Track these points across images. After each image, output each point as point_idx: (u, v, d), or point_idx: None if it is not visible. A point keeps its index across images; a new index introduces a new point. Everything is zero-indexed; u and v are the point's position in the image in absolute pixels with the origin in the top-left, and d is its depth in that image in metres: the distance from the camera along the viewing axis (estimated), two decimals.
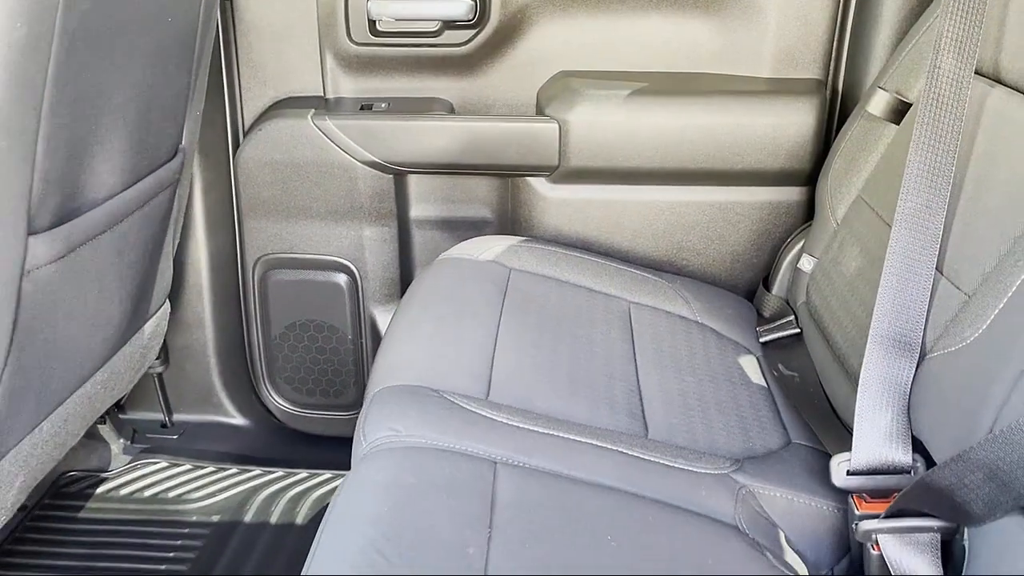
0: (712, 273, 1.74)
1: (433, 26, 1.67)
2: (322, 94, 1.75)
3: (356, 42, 1.69)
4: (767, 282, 1.66)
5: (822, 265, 1.45)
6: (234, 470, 1.81)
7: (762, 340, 1.50)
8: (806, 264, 1.51)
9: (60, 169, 1.09)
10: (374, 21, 1.67)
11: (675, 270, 1.72)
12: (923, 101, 1.16)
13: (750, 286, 1.73)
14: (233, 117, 1.75)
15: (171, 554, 1.59)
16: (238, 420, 1.94)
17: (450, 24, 1.67)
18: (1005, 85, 1.18)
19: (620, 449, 1.09)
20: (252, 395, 1.95)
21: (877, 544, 0.96)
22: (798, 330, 1.48)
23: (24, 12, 0.92)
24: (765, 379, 1.39)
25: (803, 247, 1.55)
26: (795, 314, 1.52)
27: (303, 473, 1.80)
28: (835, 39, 1.66)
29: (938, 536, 0.95)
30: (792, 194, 1.68)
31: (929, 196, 1.13)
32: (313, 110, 1.70)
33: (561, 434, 1.08)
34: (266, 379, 1.92)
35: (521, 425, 1.08)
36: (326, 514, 0.90)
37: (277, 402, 1.93)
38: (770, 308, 1.61)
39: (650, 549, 0.92)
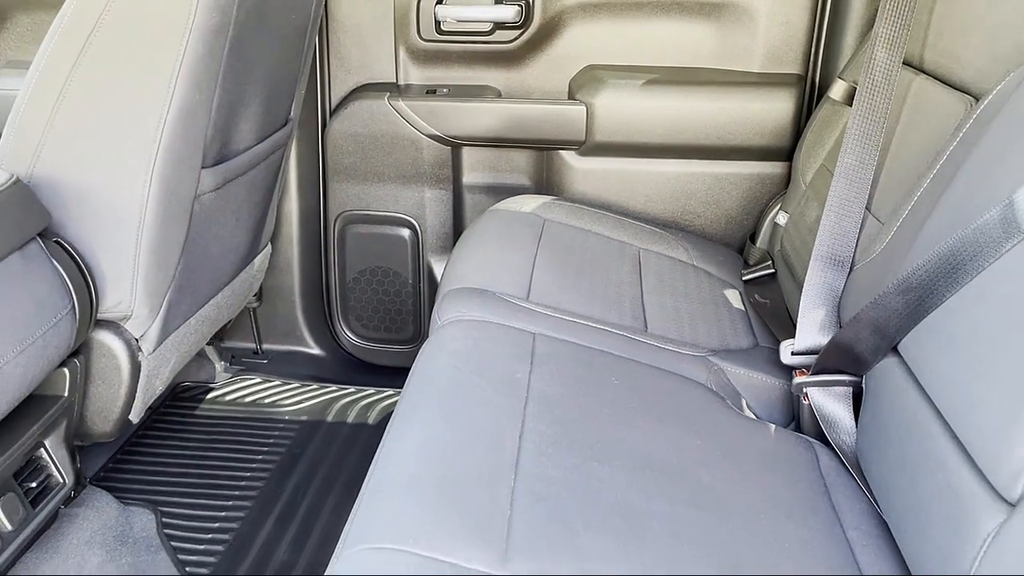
0: (709, 232, 2.12)
1: (487, 27, 2.08)
2: (395, 80, 2.16)
3: (424, 39, 2.10)
4: (753, 237, 2.03)
5: (792, 218, 1.82)
6: (315, 386, 2.21)
7: (744, 279, 1.88)
8: (781, 219, 1.88)
9: (222, 122, 1.51)
10: (439, 22, 2.08)
11: (679, 228, 2.10)
12: (861, 84, 1.54)
13: (740, 243, 2.11)
14: (323, 98, 2.16)
15: (268, 444, 1.99)
16: (315, 350, 2.34)
17: (500, 25, 2.07)
18: (926, 73, 1.55)
19: (625, 334, 1.47)
20: (328, 330, 2.35)
21: (807, 395, 1.34)
22: (773, 271, 1.86)
23: (218, 6, 1.33)
24: (744, 305, 1.77)
25: (780, 207, 1.93)
26: (772, 259, 1.89)
27: (371, 390, 2.20)
28: (812, 41, 2.04)
29: (850, 389, 1.32)
30: (775, 167, 2.06)
31: (862, 155, 1.51)
32: (388, 93, 2.11)
33: (581, 321, 1.47)
34: (340, 316, 2.33)
35: (552, 315, 1.47)
36: (417, 357, 1.30)
37: (348, 336, 2.34)
38: (754, 257, 1.99)
39: (640, 389, 1.30)
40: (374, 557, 0.87)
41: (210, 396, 2.14)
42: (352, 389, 2.20)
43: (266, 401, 2.14)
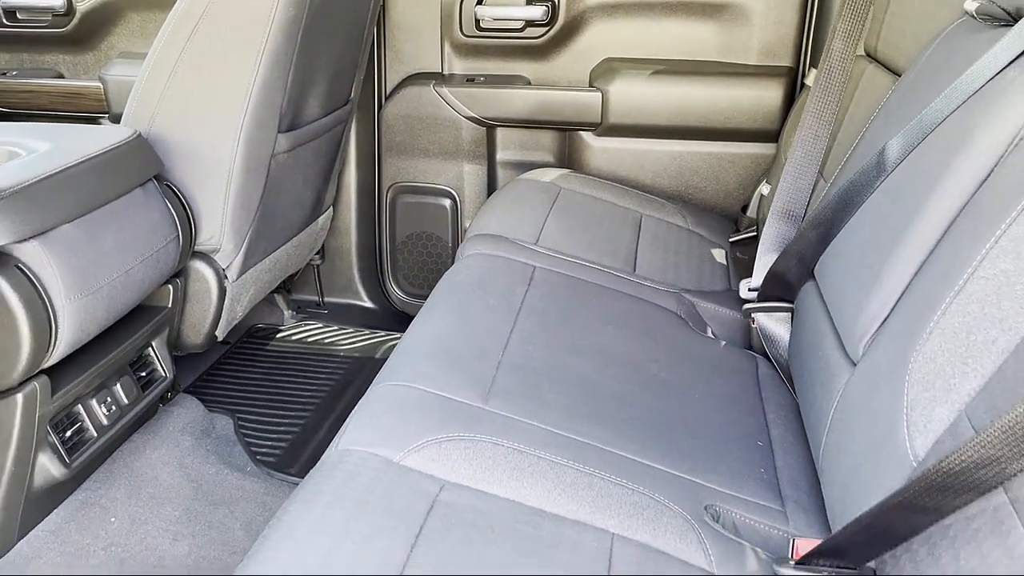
0: (709, 204, 2.42)
1: (519, 24, 2.42)
2: (440, 70, 2.52)
3: (466, 35, 2.46)
4: (745, 208, 2.33)
5: (772, 187, 2.12)
6: (366, 332, 2.58)
7: (731, 240, 2.18)
8: (765, 190, 2.18)
9: (295, 96, 1.88)
10: (479, 20, 2.43)
11: (682, 201, 2.41)
12: (819, 69, 1.84)
13: (736, 214, 2.40)
14: (379, 85, 2.54)
15: (324, 374, 2.37)
16: (368, 304, 2.71)
17: (530, 23, 2.42)
18: (878, 62, 1.84)
19: (614, 272, 1.80)
20: (379, 286, 2.72)
21: (754, 320, 1.64)
22: (755, 234, 2.15)
23: (294, 2, 1.70)
24: (726, 261, 2.07)
25: (765, 180, 2.23)
26: (757, 224, 2.19)
27: None
28: (801, 38, 2.33)
29: (789, 315, 1.62)
30: (767, 148, 2.35)
31: (816, 128, 1.81)
32: (434, 81, 2.47)
33: (578, 261, 1.80)
34: (390, 275, 2.70)
35: (553, 255, 1.81)
36: (441, 279, 1.65)
37: (396, 292, 2.70)
38: (744, 224, 2.28)
39: (616, 310, 1.62)
40: (395, 389, 1.22)
41: (279, 336, 2.53)
42: (397, 335, 2.56)
43: (325, 342, 2.52)
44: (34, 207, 1.35)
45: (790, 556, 1.01)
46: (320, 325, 2.60)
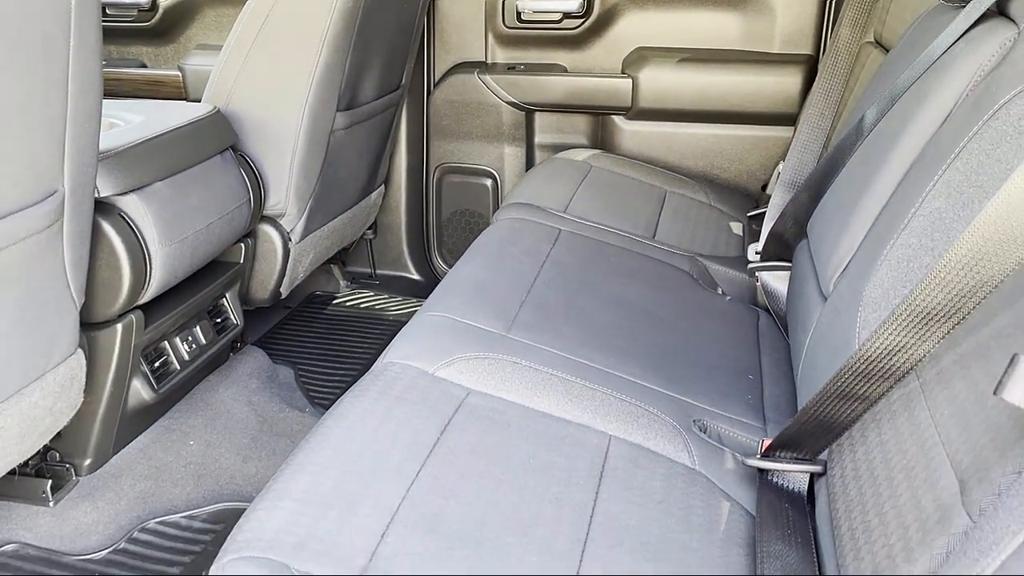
0: (732, 184, 2.59)
1: (556, 16, 2.63)
2: (484, 59, 2.73)
3: (508, 26, 2.68)
4: (764, 187, 2.50)
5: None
6: (414, 301, 2.81)
7: (749, 215, 2.35)
8: (781, 167, 2.35)
9: (352, 78, 2.12)
10: (520, 13, 2.64)
11: (706, 180, 2.59)
12: (826, 54, 2.01)
13: (756, 195, 2.57)
14: (428, 73, 2.77)
15: (374, 335, 2.60)
16: (416, 276, 2.94)
17: (567, 15, 2.62)
18: (882, 47, 2.00)
19: (634, 237, 1.99)
20: (426, 260, 2.95)
21: (758, 277, 1.82)
22: None
23: None
24: (743, 233, 2.25)
25: (784, 159, 2.39)
26: None
27: None
28: (821, 27, 2.49)
29: (788, 274, 1.79)
30: (787, 131, 2.52)
31: (822, 107, 1.98)
32: (478, 69, 2.69)
33: (601, 226, 2.00)
34: (436, 249, 2.92)
35: (578, 220, 2.01)
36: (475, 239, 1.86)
37: (442, 265, 2.93)
38: (763, 201, 2.45)
39: (633, 267, 1.82)
40: (433, 318, 1.44)
41: (335, 302, 2.78)
42: None
43: (375, 308, 2.76)
44: (132, 166, 1.60)
45: (758, 453, 1.20)
46: (372, 294, 2.84)
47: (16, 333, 1.30)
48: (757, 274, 1.83)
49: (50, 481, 1.65)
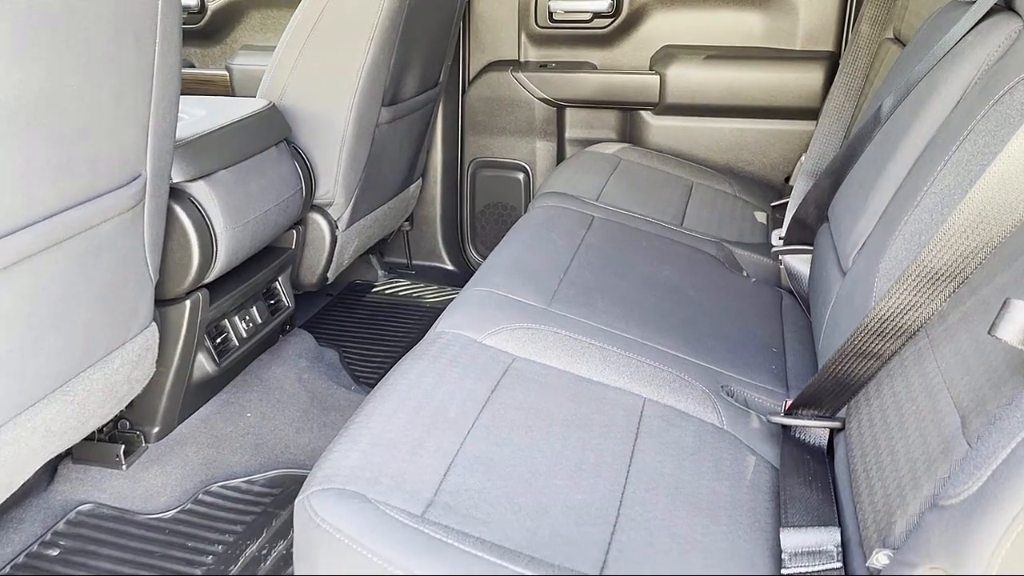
0: (757, 176, 2.69)
1: (587, 16, 2.75)
2: (517, 58, 2.85)
3: (540, 26, 2.79)
4: (788, 178, 2.60)
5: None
6: (448, 289, 2.94)
7: (772, 205, 2.46)
8: (803, 158, 2.45)
9: (396, 75, 2.25)
10: (552, 13, 2.76)
11: (732, 173, 2.69)
12: (848, 49, 2.11)
13: (780, 187, 2.67)
14: (463, 71, 2.89)
15: (412, 321, 2.72)
16: (450, 267, 3.06)
17: (597, 15, 2.74)
18: (902, 44, 2.10)
19: (663, 224, 2.10)
20: (460, 251, 3.07)
21: (782, 261, 1.92)
22: None
23: None
24: (767, 222, 2.35)
25: (806, 152, 2.49)
26: None
27: None
28: (843, 25, 2.59)
29: (810, 257, 1.89)
30: (809, 125, 2.61)
31: (843, 100, 2.08)
32: (511, 67, 2.81)
33: (631, 214, 2.11)
34: (469, 241, 3.05)
35: (610, 208, 2.12)
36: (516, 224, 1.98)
37: (476, 257, 3.05)
38: (787, 192, 2.55)
39: (662, 249, 1.93)
40: (478, 293, 1.56)
41: (374, 290, 2.91)
42: None
43: (412, 296, 2.88)
44: (201, 154, 1.73)
45: (782, 412, 1.31)
46: (408, 283, 2.97)
47: (104, 304, 1.43)
48: (781, 257, 1.93)
49: (123, 446, 1.79)
